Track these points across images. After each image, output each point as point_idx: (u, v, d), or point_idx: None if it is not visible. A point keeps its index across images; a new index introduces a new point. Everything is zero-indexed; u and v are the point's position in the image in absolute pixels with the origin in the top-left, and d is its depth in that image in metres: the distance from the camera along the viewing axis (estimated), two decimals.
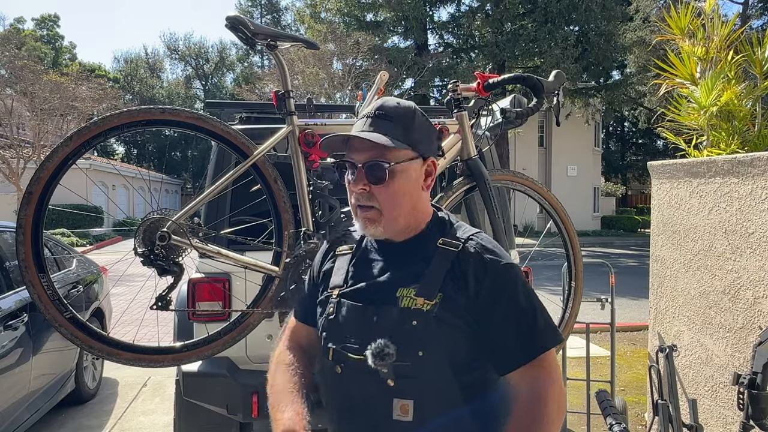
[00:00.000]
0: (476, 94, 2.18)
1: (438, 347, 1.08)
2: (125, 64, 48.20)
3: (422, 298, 1.09)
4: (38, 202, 1.69)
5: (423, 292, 1.10)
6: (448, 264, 1.12)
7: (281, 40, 1.93)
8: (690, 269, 2.77)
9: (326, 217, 1.98)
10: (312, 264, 1.38)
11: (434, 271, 1.12)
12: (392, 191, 1.14)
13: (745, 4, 21.02)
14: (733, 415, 2.46)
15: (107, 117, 1.74)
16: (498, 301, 1.10)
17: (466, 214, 2.38)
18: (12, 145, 16.16)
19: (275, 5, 42.31)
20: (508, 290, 1.11)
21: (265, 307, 1.93)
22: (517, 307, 1.11)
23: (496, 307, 1.10)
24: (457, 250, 1.14)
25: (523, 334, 1.10)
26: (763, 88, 2.85)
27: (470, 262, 1.12)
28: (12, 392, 3.19)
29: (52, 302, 1.72)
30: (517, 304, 1.11)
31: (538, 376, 1.08)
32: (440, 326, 1.08)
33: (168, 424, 3.66)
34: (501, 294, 1.10)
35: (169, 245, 1.71)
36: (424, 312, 1.08)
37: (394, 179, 1.13)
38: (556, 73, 1.93)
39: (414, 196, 1.17)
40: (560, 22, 19.13)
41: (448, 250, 1.14)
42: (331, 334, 1.17)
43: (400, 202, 1.15)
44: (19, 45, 22.57)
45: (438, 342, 1.08)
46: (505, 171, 2.43)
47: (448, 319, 1.08)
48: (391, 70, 17.51)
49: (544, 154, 24.95)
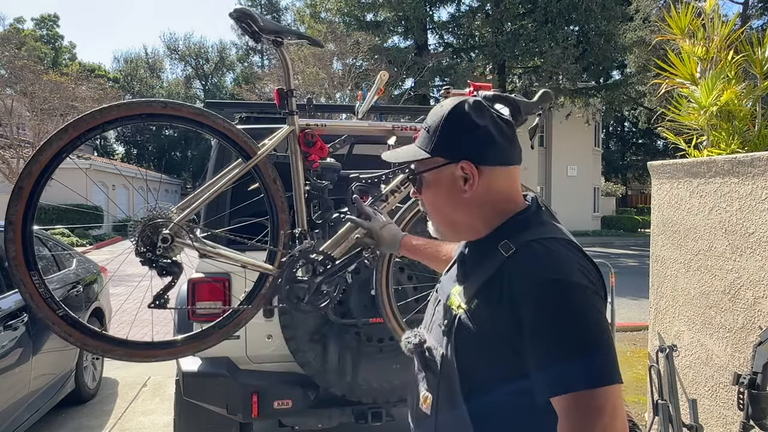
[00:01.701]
0: None
1: (458, 352, 1.04)
2: (125, 64, 48.21)
3: (461, 300, 1.07)
4: (29, 197, 1.61)
5: (464, 295, 1.07)
6: (493, 269, 1.03)
7: (288, 36, 1.91)
8: (690, 269, 2.77)
9: (322, 217, 1.98)
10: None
11: (479, 274, 1.06)
12: (429, 200, 1.16)
13: (745, 4, 21.03)
14: (733, 415, 2.46)
15: (106, 108, 1.68)
16: (526, 321, 0.94)
17: None
18: (12, 145, 16.17)
19: (275, 5, 42.28)
20: (542, 310, 0.93)
21: (258, 304, 1.93)
22: (548, 330, 0.92)
23: (525, 327, 0.94)
24: (507, 255, 1.02)
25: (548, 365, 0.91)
26: (763, 88, 2.84)
27: (513, 271, 0.99)
28: (12, 392, 3.18)
29: (44, 300, 1.67)
30: (549, 327, 0.93)
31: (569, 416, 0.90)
32: (465, 332, 1.03)
33: (168, 424, 3.66)
34: (532, 312, 0.94)
35: (171, 246, 1.70)
36: (455, 314, 1.06)
37: (428, 189, 1.14)
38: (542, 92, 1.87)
39: (455, 203, 1.10)
40: (560, 22, 19.14)
41: (501, 254, 1.03)
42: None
43: (440, 210, 1.15)
44: (19, 45, 22.56)
45: (460, 347, 1.04)
46: None
47: (474, 328, 1.01)
48: (391, 70, 17.51)
49: (544, 154, 24.94)
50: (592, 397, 0.89)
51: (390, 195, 1.99)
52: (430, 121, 1.13)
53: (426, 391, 1.10)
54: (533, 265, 0.98)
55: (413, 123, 2.38)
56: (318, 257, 1.87)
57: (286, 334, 2.58)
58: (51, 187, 1.80)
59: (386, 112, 5.28)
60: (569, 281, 0.95)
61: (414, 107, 11.00)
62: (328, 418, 2.70)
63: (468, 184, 1.08)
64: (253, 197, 2.01)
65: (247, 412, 2.59)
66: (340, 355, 2.64)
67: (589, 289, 0.96)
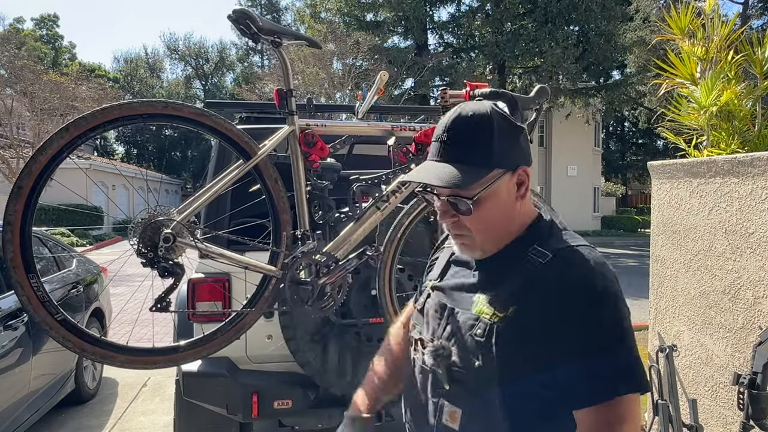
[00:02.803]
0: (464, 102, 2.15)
1: (496, 362, 0.99)
2: (125, 64, 48.19)
3: (493, 308, 1.02)
4: (28, 197, 1.58)
5: (495, 302, 1.02)
6: (529, 276, 1.02)
7: (286, 37, 1.91)
8: (690, 269, 2.77)
9: (323, 218, 1.98)
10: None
11: (512, 281, 1.03)
12: (481, 218, 1.05)
13: (745, 4, 21.03)
14: (733, 415, 2.46)
15: (107, 108, 1.66)
16: (566, 328, 0.95)
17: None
18: (12, 145, 16.17)
19: (275, 5, 42.28)
20: (582, 317, 0.95)
21: (261, 307, 1.92)
22: (589, 339, 0.95)
23: (563, 334, 0.95)
24: (544, 262, 1.02)
25: (589, 374, 0.94)
26: (763, 88, 2.84)
27: (551, 278, 1.00)
28: (12, 392, 3.18)
29: (42, 304, 1.63)
30: (590, 335, 0.95)
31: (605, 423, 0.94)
32: (503, 341, 0.99)
33: (168, 424, 3.66)
34: (571, 319, 0.95)
35: (173, 246, 1.68)
36: (489, 323, 1.01)
37: (482, 206, 1.03)
38: (539, 88, 1.88)
39: (509, 212, 1.08)
40: (560, 22, 19.13)
41: (535, 260, 1.03)
42: (416, 324, 1.19)
43: (494, 225, 1.07)
44: (18, 45, 22.54)
45: (497, 357, 0.99)
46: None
47: (512, 336, 0.99)
48: (391, 70, 17.51)
49: (544, 154, 24.94)
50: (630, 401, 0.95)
51: (391, 195, 1.99)
52: (467, 134, 1.03)
53: (452, 406, 1.04)
54: (573, 270, 1.00)
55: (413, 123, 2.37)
56: (321, 258, 1.87)
57: (286, 334, 2.58)
58: (51, 187, 1.79)
59: (386, 112, 5.28)
60: (616, 290, 1.00)
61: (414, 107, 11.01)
62: (328, 418, 2.70)
63: (524, 189, 1.08)
64: (254, 198, 2.01)
65: (247, 412, 2.59)
66: (340, 355, 2.64)
67: (622, 294, 1.02)
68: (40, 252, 4.14)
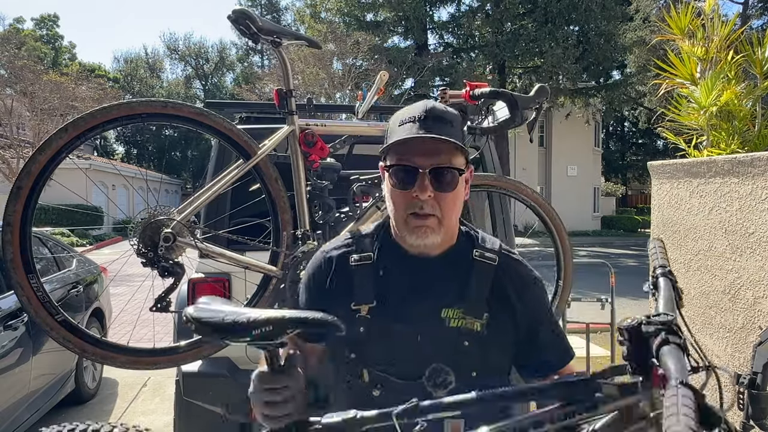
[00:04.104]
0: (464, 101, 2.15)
1: (490, 366, 1.08)
2: (125, 64, 48.20)
3: (471, 318, 1.05)
4: (28, 198, 1.57)
5: (471, 312, 1.06)
6: (489, 280, 1.10)
7: (286, 37, 1.91)
8: (690, 269, 2.77)
9: (324, 218, 1.98)
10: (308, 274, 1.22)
11: (478, 288, 1.08)
12: (454, 198, 1.07)
13: (745, 4, 21.03)
14: (733, 415, 2.46)
15: (106, 108, 1.66)
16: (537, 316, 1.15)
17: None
18: (12, 145, 16.17)
19: (275, 5, 42.30)
20: (544, 304, 1.19)
21: (262, 307, 1.92)
22: (551, 320, 1.19)
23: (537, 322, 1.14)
24: (495, 264, 1.12)
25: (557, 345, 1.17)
26: (763, 88, 2.84)
27: (509, 277, 1.13)
28: (12, 392, 3.18)
29: (42, 305, 1.62)
30: (551, 317, 1.20)
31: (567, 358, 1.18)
32: (491, 345, 1.07)
33: (168, 424, 3.66)
34: (539, 309, 1.16)
35: (173, 246, 1.68)
36: (475, 332, 1.05)
37: (458, 186, 1.07)
38: (539, 87, 1.88)
39: (461, 204, 1.12)
40: (560, 22, 19.14)
41: (486, 263, 1.11)
42: (363, 355, 1.08)
43: (457, 210, 1.10)
44: (18, 45, 22.56)
45: (489, 361, 1.08)
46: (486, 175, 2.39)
47: (496, 338, 1.08)
48: (391, 70, 17.50)
49: (544, 154, 24.95)
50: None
51: None
52: (448, 115, 1.06)
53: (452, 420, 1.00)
54: (521, 268, 1.17)
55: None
56: None
57: None
58: (50, 187, 1.78)
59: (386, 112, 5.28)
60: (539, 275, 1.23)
61: None
62: None
63: (467, 188, 1.14)
64: (254, 198, 2.00)
65: (247, 412, 2.59)
66: None
67: None
68: (40, 252, 4.14)
